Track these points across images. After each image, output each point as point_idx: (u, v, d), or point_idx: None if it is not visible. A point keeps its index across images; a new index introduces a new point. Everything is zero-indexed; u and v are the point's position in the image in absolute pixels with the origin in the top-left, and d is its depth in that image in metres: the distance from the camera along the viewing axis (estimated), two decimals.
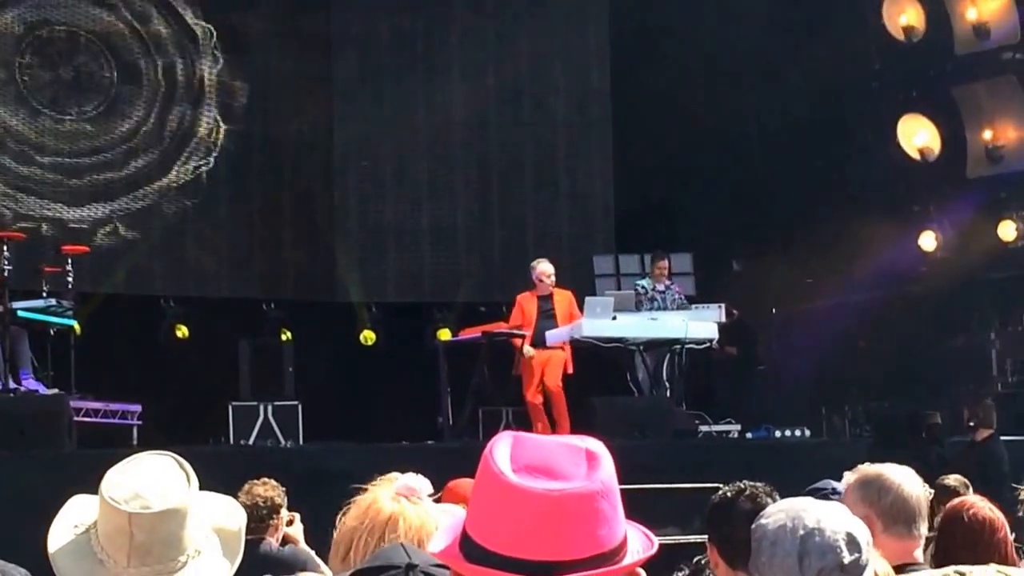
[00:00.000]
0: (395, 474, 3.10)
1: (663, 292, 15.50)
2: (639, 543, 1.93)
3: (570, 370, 14.50)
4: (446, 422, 14.81)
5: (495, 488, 1.86)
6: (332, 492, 3.24)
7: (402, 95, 18.78)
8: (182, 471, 2.95)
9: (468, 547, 1.88)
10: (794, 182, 16.77)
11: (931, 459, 12.80)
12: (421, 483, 3.06)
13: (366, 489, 3.08)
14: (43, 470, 10.91)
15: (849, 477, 5.90)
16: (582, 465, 1.89)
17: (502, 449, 1.90)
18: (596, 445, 1.93)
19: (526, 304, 14.64)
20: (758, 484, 4.70)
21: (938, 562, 4.88)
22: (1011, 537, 4.88)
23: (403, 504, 2.99)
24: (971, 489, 8.05)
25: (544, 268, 14.71)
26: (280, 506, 7.38)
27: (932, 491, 7.91)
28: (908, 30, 16.92)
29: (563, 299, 14.68)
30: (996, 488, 8.57)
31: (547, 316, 14.53)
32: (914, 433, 13.30)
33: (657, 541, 1.98)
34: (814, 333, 17.50)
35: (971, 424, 13.00)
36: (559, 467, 1.87)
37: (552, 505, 1.82)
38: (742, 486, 4.67)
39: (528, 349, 14.39)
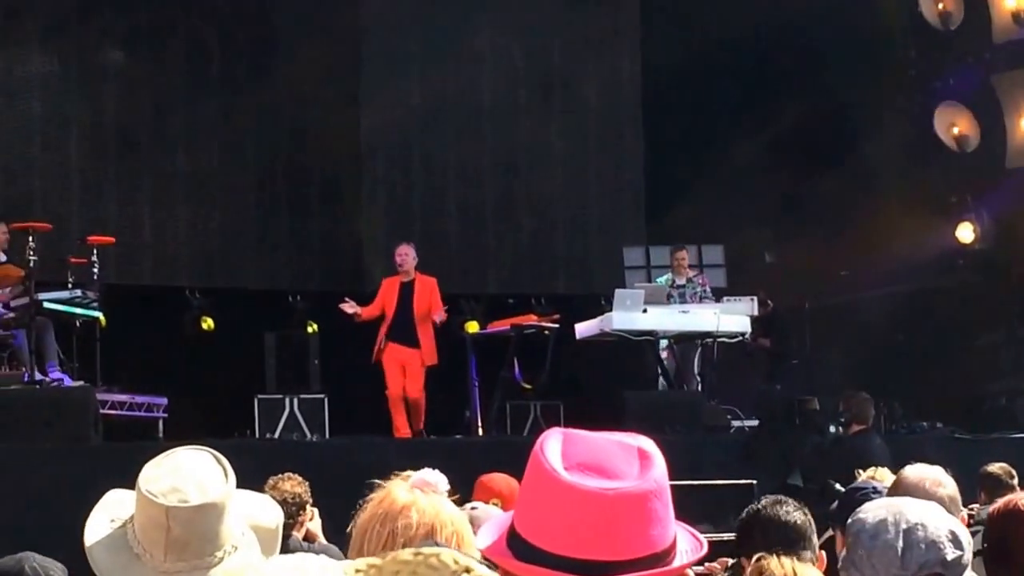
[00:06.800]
0: (409, 472, 3.11)
1: (683, 286, 15.28)
2: (688, 544, 1.91)
3: (434, 361, 14.20)
4: (474, 416, 14.66)
5: (547, 486, 1.80)
6: (358, 487, 3.19)
7: (430, 80, 18.61)
8: (220, 466, 2.97)
9: (517, 545, 1.85)
10: (829, 172, 16.60)
11: (806, 449, 12.45)
12: (437, 478, 3.06)
13: (382, 485, 3.09)
14: (70, 463, 10.84)
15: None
16: (635, 464, 1.85)
17: (553, 446, 1.84)
18: (648, 444, 1.90)
19: (386, 290, 14.28)
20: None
21: (992, 564, 4.66)
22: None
23: (416, 495, 3.00)
24: (1016, 479, 7.80)
25: (400, 249, 14.34)
26: (307, 502, 7.33)
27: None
28: (945, 17, 16.74)
29: (425, 286, 14.31)
30: None
31: (406, 304, 14.15)
32: (792, 421, 13.08)
33: (706, 542, 1.96)
34: (849, 326, 17.32)
35: (842, 420, 12.61)
36: (612, 466, 1.82)
37: (606, 504, 1.77)
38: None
39: (351, 306, 14.03)
